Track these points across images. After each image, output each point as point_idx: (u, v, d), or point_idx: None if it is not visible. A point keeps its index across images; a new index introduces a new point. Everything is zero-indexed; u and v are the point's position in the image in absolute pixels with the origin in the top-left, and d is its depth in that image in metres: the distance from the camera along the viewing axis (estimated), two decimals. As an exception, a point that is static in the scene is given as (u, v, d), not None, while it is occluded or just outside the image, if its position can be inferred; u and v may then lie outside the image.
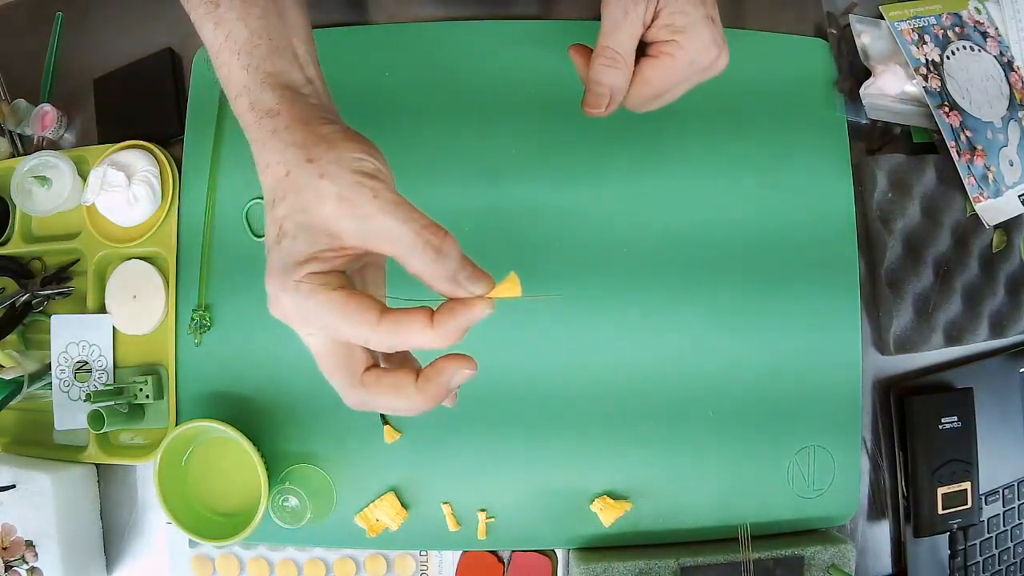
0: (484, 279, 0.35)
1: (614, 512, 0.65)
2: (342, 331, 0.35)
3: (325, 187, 0.34)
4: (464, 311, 0.35)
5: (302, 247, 0.35)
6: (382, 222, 0.34)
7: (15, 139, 0.74)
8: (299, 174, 0.35)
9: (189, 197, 0.69)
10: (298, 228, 0.35)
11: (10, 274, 0.70)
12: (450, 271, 0.34)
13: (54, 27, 0.75)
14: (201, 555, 0.68)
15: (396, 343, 0.35)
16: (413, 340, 0.35)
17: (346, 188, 0.34)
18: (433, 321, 0.34)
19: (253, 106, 0.39)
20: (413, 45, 0.70)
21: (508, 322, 0.67)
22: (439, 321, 0.34)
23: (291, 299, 0.35)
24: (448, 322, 0.34)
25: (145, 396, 0.66)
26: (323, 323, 0.35)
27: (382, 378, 0.37)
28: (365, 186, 0.34)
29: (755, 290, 0.68)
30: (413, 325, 0.34)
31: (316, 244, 0.35)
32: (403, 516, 0.66)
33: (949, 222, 0.69)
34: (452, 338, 0.35)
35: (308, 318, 0.35)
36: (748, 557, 0.63)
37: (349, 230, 0.34)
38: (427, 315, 0.35)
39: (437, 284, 0.35)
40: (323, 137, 0.36)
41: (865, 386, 0.69)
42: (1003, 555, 0.70)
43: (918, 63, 0.68)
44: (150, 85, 0.71)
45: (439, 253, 0.34)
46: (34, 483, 0.65)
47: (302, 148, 0.36)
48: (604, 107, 0.50)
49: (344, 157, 0.35)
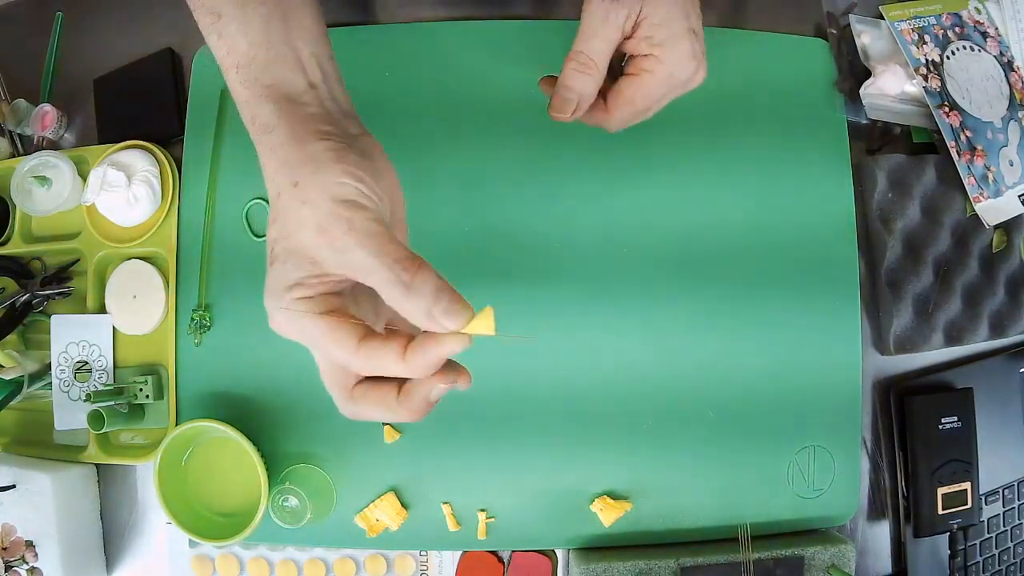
0: (459, 313, 0.35)
1: (614, 512, 0.65)
2: (329, 354, 0.37)
3: (306, 215, 0.35)
4: (434, 348, 0.35)
5: (290, 272, 0.36)
6: (355, 256, 0.34)
7: (15, 139, 0.74)
8: (287, 199, 0.36)
9: (189, 197, 0.69)
10: (287, 253, 0.36)
11: (10, 274, 0.70)
12: (423, 307, 0.34)
13: (54, 27, 0.75)
14: (201, 555, 0.68)
15: (374, 370, 0.36)
16: (387, 369, 0.36)
17: (323, 217, 0.35)
18: (405, 355, 0.35)
19: (254, 120, 0.39)
20: (413, 45, 0.70)
21: (509, 324, 0.67)
22: (411, 355, 0.35)
23: (284, 319, 0.37)
24: (419, 357, 0.35)
25: (145, 396, 0.66)
26: (312, 344, 0.37)
27: (368, 393, 0.38)
28: (341, 217, 0.35)
29: (755, 290, 0.68)
30: (387, 356, 0.35)
31: (301, 270, 0.36)
32: (403, 516, 0.66)
33: (949, 222, 0.69)
34: (424, 371, 0.36)
35: (302, 338, 0.37)
36: (748, 557, 0.63)
37: (328, 260, 0.35)
38: (401, 347, 0.35)
39: (412, 319, 0.35)
40: (311, 158, 0.36)
41: (865, 386, 0.69)
42: (1003, 555, 0.70)
43: (918, 63, 0.68)
44: (150, 85, 0.71)
45: (409, 290, 0.34)
46: (34, 483, 0.65)
47: (291, 169, 0.36)
48: (569, 112, 0.50)
49: (326, 182, 0.35)
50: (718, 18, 0.71)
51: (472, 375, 0.69)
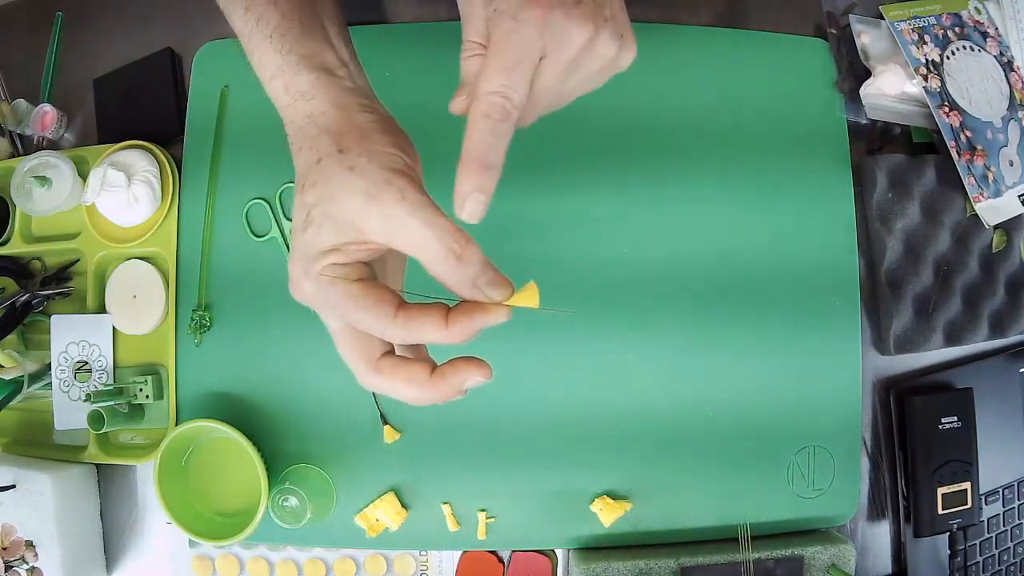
0: (504, 286, 0.35)
1: (614, 512, 0.65)
2: (359, 322, 0.36)
3: (354, 181, 0.34)
4: (480, 315, 0.35)
5: (327, 237, 0.35)
6: (407, 225, 0.34)
7: (15, 139, 0.74)
8: (329, 163, 0.35)
9: (189, 197, 0.69)
10: (325, 218, 0.35)
11: (10, 274, 0.70)
12: (470, 277, 0.34)
13: (54, 27, 0.75)
14: (201, 555, 0.68)
15: (410, 338, 0.35)
16: (426, 336, 0.35)
17: (374, 185, 0.34)
18: (448, 320, 0.35)
19: (287, 88, 0.39)
20: (413, 45, 0.69)
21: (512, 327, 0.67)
22: (454, 321, 0.35)
23: (312, 286, 0.36)
24: (463, 323, 0.35)
25: (145, 396, 0.66)
26: (341, 312, 0.36)
27: (398, 368, 0.37)
28: (393, 185, 0.34)
29: (755, 291, 0.68)
30: (427, 322, 0.35)
31: (341, 236, 0.35)
32: (403, 516, 0.66)
33: (949, 222, 0.69)
34: (464, 338, 0.35)
35: (327, 305, 0.36)
36: (748, 557, 0.63)
37: (374, 227, 0.34)
38: (442, 313, 0.35)
39: (457, 289, 0.35)
40: (357, 126, 0.36)
41: (865, 386, 0.69)
42: (1003, 555, 0.70)
43: (918, 63, 0.68)
44: (150, 85, 0.71)
45: (460, 260, 0.34)
46: (34, 483, 0.65)
47: (335, 136, 0.36)
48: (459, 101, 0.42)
49: (375, 151, 0.35)
50: (718, 18, 0.71)
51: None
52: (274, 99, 0.40)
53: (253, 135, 0.69)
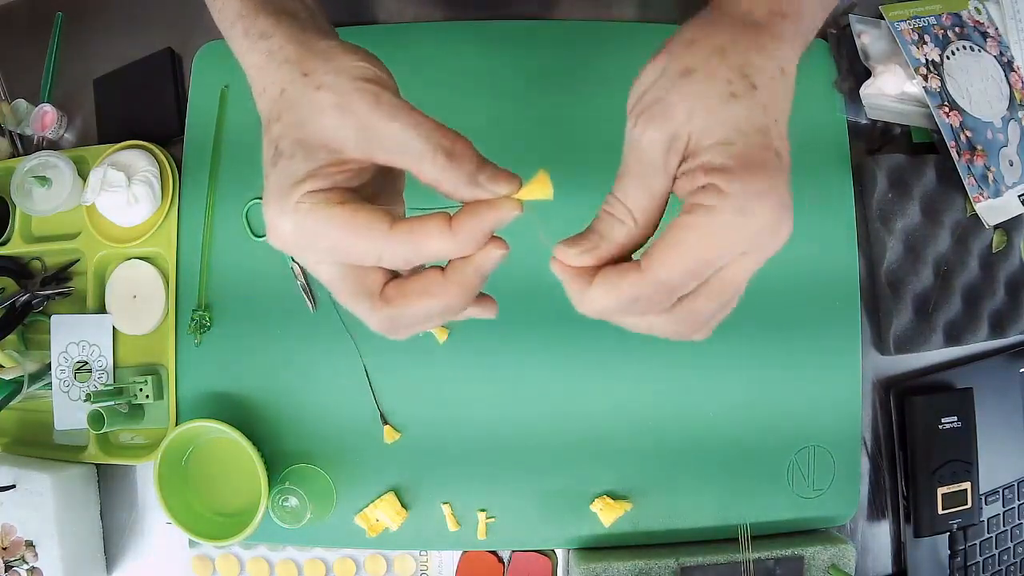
0: (509, 178, 0.32)
1: (614, 512, 0.65)
2: (351, 248, 0.32)
3: (322, 98, 0.32)
4: (488, 212, 0.31)
5: (300, 165, 0.32)
6: (387, 129, 0.31)
7: (15, 139, 0.74)
8: (294, 90, 0.33)
9: (189, 197, 0.69)
10: (295, 145, 0.33)
11: (10, 274, 0.70)
12: (468, 173, 0.31)
13: (54, 27, 0.75)
14: (201, 555, 0.68)
15: (412, 254, 0.32)
16: (431, 248, 0.32)
17: (345, 96, 0.32)
18: (452, 225, 0.31)
19: (247, 32, 0.37)
20: (412, 45, 0.69)
21: (512, 325, 0.67)
22: (459, 224, 0.31)
23: (291, 222, 0.32)
24: (470, 225, 0.31)
25: (145, 396, 0.66)
26: (329, 243, 0.32)
27: (406, 286, 0.34)
28: (366, 91, 0.32)
29: (755, 290, 0.67)
30: (430, 230, 0.31)
31: (315, 160, 0.32)
32: (403, 516, 0.66)
33: (949, 222, 0.69)
34: (475, 243, 0.32)
35: (311, 240, 0.33)
36: (748, 557, 0.63)
37: (350, 141, 0.32)
38: (445, 219, 0.32)
39: (456, 191, 0.32)
40: (319, 52, 0.34)
41: (865, 386, 0.69)
42: (1003, 555, 0.70)
43: (918, 63, 0.68)
44: (150, 85, 0.71)
45: (452, 156, 0.31)
46: (34, 483, 0.65)
47: (297, 64, 0.34)
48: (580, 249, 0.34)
49: (342, 66, 0.33)
50: (718, 18, 0.71)
51: (473, 376, 0.69)
52: (235, 46, 0.38)
53: (253, 135, 0.68)
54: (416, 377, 0.67)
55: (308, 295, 0.67)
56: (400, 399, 0.67)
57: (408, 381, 0.67)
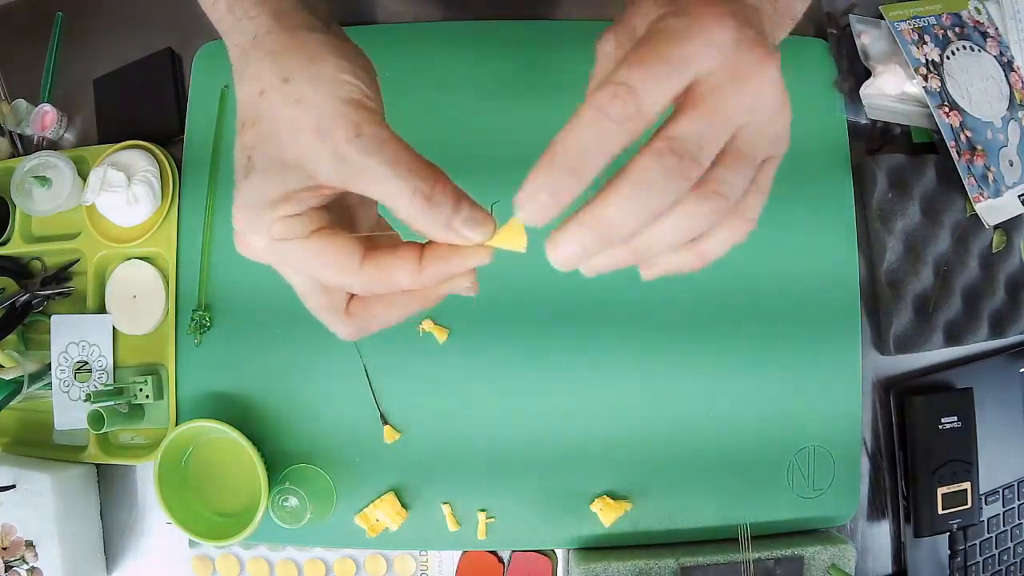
0: (483, 225, 0.31)
1: (614, 512, 0.65)
2: (321, 278, 0.33)
3: (300, 117, 0.30)
4: (458, 259, 0.31)
5: (272, 185, 0.31)
6: (364, 166, 0.30)
7: (15, 139, 0.74)
8: (273, 97, 0.31)
9: (189, 197, 0.69)
10: (269, 162, 0.31)
11: (10, 274, 0.70)
12: (444, 218, 0.30)
13: (54, 27, 0.75)
14: (201, 555, 0.68)
15: (379, 287, 0.32)
16: (398, 283, 0.32)
17: (325, 120, 0.30)
18: (422, 264, 0.32)
19: (231, 7, 0.35)
20: (411, 45, 0.69)
21: (510, 322, 0.67)
22: (428, 264, 0.32)
23: (262, 242, 0.32)
24: (438, 268, 0.32)
25: (145, 396, 0.66)
26: (298, 268, 0.33)
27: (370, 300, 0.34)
28: (347, 119, 0.30)
29: (755, 290, 0.68)
30: (399, 268, 0.32)
31: (288, 183, 0.31)
32: (403, 516, 0.66)
33: (949, 222, 0.69)
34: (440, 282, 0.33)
35: (282, 259, 0.33)
36: (748, 557, 0.63)
37: (326, 171, 0.30)
38: (415, 255, 0.32)
39: (429, 233, 0.31)
40: (306, 49, 0.32)
41: (865, 386, 0.69)
42: (1003, 555, 0.70)
43: (918, 63, 0.68)
44: (150, 85, 0.71)
45: (430, 201, 0.30)
46: (34, 483, 0.65)
47: (280, 62, 0.32)
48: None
49: (325, 79, 0.31)
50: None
51: (473, 376, 0.69)
52: (219, 23, 0.36)
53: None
54: (416, 377, 0.67)
55: (308, 295, 0.67)
56: (400, 399, 0.67)
57: (408, 381, 0.67)
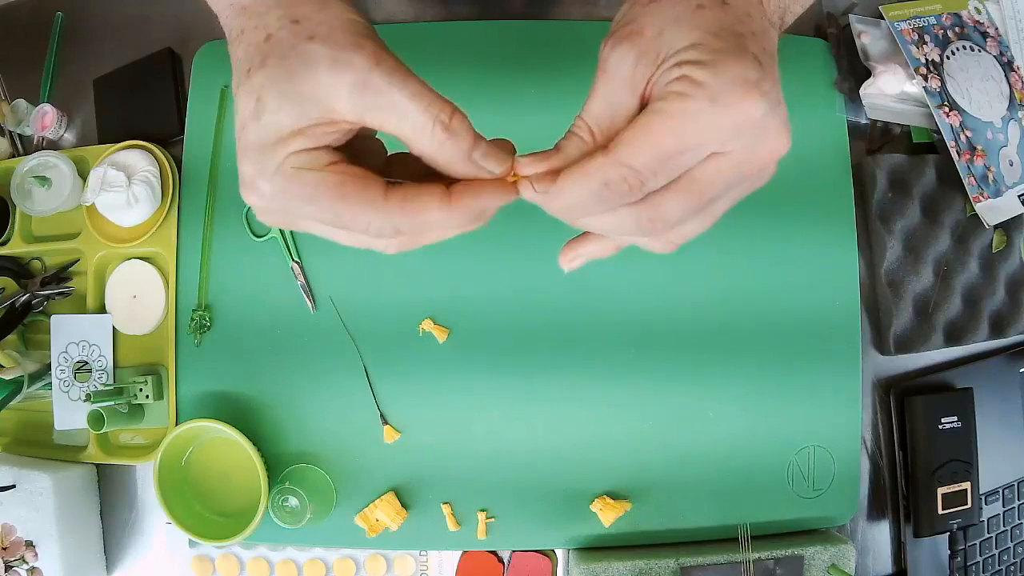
0: (504, 155, 0.31)
1: (614, 512, 0.65)
2: (339, 216, 0.31)
3: (316, 50, 0.29)
4: (489, 192, 0.31)
5: (286, 120, 0.30)
6: (385, 92, 0.29)
7: (15, 139, 0.74)
8: (283, 36, 0.30)
9: (189, 197, 0.69)
10: (282, 98, 0.29)
11: (10, 274, 0.70)
12: (464, 150, 0.30)
13: (54, 27, 0.75)
14: (201, 555, 0.68)
15: (405, 225, 0.31)
16: (428, 219, 0.31)
17: (342, 51, 0.29)
18: (452, 198, 0.30)
19: None
20: (410, 45, 0.69)
21: (510, 322, 0.67)
22: (459, 198, 0.30)
23: (272, 183, 0.30)
24: (469, 201, 0.30)
25: (145, 396, 0.66)
26: (315, 208, 0.31)
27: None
28: (364, 49, 0.29)
29: (755, 291, 0.68)
30: (428, 202, 0.30)
31: (304, 116, 0.30)
32: (403, 516, 0.66)
33: (949, 222, 0.69)
34: (472, 221, 0.31)
35: (294, 204, 0.31)
36: (748, 557, 0.63)
37: (343, 99, 0.29)
38: (443, 190, 0.30)
39: (450, 165, 0.30)
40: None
41: (865, 386, 0.69)
42: (1003, 555, 0.70)
43: (918, 63, 0.68)
44: (150, 85, 0.71)
45: (449, 131, 0.29)
46: (34, 483, 0.65)
47: (286, 8, 0.31)
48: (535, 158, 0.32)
49: (337, 15, 0.30)
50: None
51: (473, 376, 0.69)
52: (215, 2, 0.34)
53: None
54: (416, 377, 0.67)
55: (308, 295, 0.67)
56: (400, 399, 0.67)
57: (408, 381, 0.67)
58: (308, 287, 0.68)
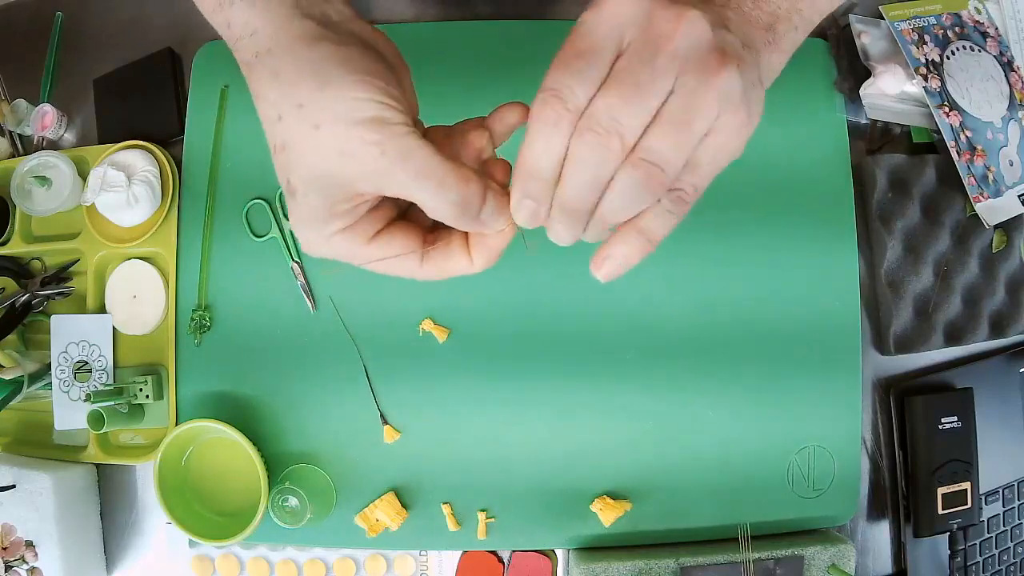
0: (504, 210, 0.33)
1: (614, 512, 0.65)
2: (387, 273, 0.36)
3: (323, 141, 0.31)
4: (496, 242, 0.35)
5: (318, 203, 0.32)
6: (393, 179, 0.31)
7: (15, 139, 0.74)
8: (292, 123, 0.31)
9: (189, 197, 0.69)
10: (307, 185, 0.32)
11: (10, 274, 0.70)
12: (471, 217, 0.32)
13: (54, 27, 0.75)
14: (201, 555, 0.68)
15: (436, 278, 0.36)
16: (454, 275, 0.36)
17: (348, 143, 0.30)
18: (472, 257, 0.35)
19: (230, 23, 0.34)
20: (412, 45, 0.69)
21: (510, 322, 0.67)
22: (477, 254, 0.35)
23: (329, 251, 0.35)
24: (486, 254, 0.35)
25: (145, 396, 0.66)
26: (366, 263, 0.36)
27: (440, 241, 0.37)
28: (367, 141, 0.30)
29: (755, 291, 0.68)
30: (455, 265, 0.36)
31: (331, 198, 0.32)
32: (403, 516, 0.66)
33: (949, 222, 0.69)
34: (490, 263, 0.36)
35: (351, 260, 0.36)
36: (748, 557, 0.63)
37: (359, 181, 0.31)
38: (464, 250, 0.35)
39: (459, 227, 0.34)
40: (312, 68, 0.31)
41: (865, 386, 0.69)
42: (1003, 555, 0.70)
43: (918, 63, 0.68)
44: (150, 85, 0.71)
45: (459, 207, 0.32)
46: (34, 483, 0.65)
47: (290, 86, 0.31)
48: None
49: (339, 101, 0.30)
50: (718, 18, 0.71)
51: (473, 376, 0.69)
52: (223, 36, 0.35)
53: (253, 135, 0.69)
54: (416, 377, 0.67)
55: (308, 295, 0.68)
56: (400, 399, 0.67)
57: (408, 381, 0.67)
58: (308, 287, 0.68)
